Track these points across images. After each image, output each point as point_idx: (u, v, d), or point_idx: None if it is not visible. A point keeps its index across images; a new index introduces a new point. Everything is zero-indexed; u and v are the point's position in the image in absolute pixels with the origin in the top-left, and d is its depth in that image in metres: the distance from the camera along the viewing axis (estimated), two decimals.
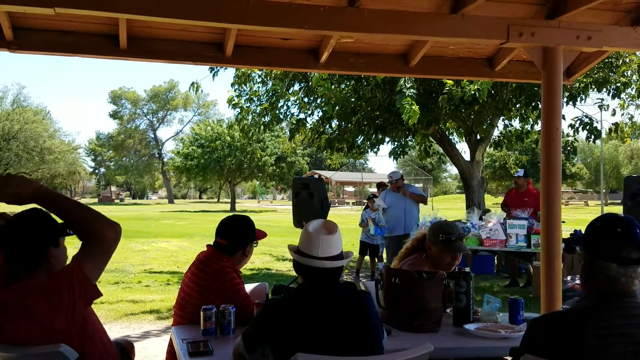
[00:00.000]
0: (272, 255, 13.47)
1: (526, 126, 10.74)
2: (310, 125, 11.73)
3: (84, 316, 2.23)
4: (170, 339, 3.04)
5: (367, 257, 10.24)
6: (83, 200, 76.03)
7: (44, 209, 2.27)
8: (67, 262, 2.32)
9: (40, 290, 2.15)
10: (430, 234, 3.53)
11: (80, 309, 2.19)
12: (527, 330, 2.04)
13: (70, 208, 2.27)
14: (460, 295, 3.10)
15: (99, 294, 2.26)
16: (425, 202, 9.52)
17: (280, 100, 11.07)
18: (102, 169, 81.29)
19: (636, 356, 1.86)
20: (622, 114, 10.36)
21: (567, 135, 10.77)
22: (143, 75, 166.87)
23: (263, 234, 3.39)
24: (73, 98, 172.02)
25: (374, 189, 31.07)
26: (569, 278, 7.78)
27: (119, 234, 2.26)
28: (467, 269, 3.19)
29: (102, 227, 2.23)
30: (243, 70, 10.35)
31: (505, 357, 2.82)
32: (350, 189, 60.82)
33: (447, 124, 11.32)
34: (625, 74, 9.18)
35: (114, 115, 71.27)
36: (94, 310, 2.37)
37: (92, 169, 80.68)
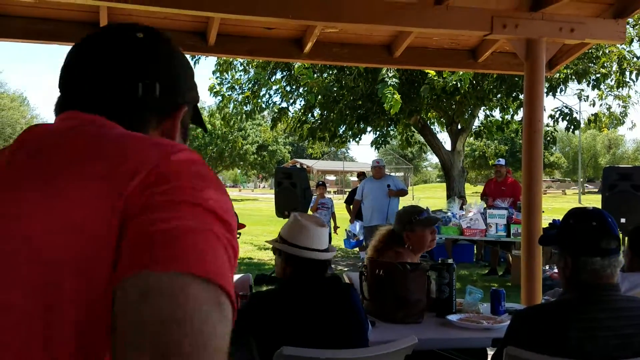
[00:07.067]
0: (253, 244, 13.44)
1: (506, 116, 10.84)
2: (293, 114, 11.69)
3: None
4: None
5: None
6: None
7: None
8: None
9: None
10: (404, 222, 3.32)
11: None
12: (511, 324, 2.06)
13: None
14: (443, 286, 3.12)
15: None
16: (405, 194, 9.59)
17: (263, 89, 11.00)
18: None
19: (621, 349, 1.89)
20: (601, 105, 10.49)
21: (547, 125, 10.89)
22: None
23: (240, 225, 3.38)
24: (51, 84, 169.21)
25: (354, 178, 31.17)
26: (547, 267, 7.91)
27: None
28: (450, 261, 3.21)
29: None
30: (225, 58, 10.25)
31: (488, 348, 2.87)
32: (332, 177, 60.84)
33: (429, 113, 11.37)
34: (606, 65, 9.28)
35: None
36: None
37: None
